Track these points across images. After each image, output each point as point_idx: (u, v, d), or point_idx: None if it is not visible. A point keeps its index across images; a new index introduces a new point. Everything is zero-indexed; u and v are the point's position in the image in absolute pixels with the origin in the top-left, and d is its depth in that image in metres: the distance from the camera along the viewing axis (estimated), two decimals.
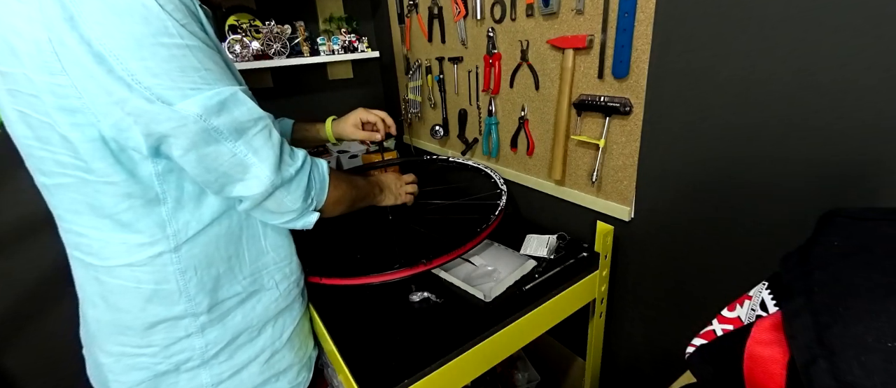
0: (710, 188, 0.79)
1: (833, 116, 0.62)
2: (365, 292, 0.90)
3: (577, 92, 0.97)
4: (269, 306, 0.75)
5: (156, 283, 0.62)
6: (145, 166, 0.57)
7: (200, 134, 0.53)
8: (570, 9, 0.92)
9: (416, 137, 1.72)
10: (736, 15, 0.67)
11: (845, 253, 0.40)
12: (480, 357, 0.78)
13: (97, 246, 0.60)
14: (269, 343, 0.76)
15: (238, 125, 0.55)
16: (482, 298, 0.84)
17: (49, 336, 1.35)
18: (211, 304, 0.66)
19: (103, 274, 0.61)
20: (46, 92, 0.50)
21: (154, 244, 0.60)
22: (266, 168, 0.59)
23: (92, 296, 0.64)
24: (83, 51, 0.47)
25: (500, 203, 1.08)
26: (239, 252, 0.69)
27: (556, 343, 1.33)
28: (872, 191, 0.61)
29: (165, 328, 0.64)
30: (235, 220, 0.67)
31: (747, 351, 0.41)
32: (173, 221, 0.60)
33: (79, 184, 0.56)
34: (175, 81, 0.50)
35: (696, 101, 0.76)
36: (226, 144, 0.55)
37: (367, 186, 0.87)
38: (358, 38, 1.65)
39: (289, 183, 0.62)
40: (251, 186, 0.59)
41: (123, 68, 0.48)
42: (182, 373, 0.67)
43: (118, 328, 0.64)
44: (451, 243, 0.92)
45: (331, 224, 0.72)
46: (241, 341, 0.72)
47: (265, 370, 0.76)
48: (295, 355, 0.81)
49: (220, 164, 0.56)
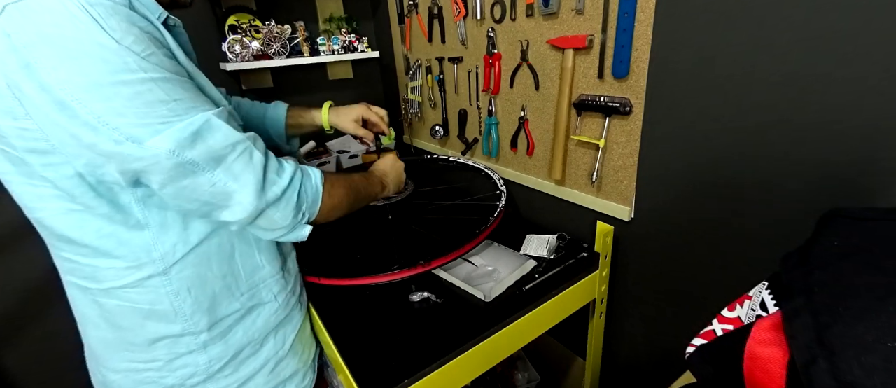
0: (711, 188, 0.80)
1: (833, 116, 0.62)
2: (365, 292, 0.90)
3: (577, 92, 0.97)
4: (269, 319, 0.75)
5: (150, 304, 0.62)
6: (125, 195, 0.56)
7: (176, 168, 0.51)
8: (570, 9, 0.92)
9: (416, 137, 1.72)
10: (736, 15, 0.67)
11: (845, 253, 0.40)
12: (480, 357, 0.78)
13: (89, 271, 0.60)
14: (273, 354, 0.76)
15: (214, 154, 0.53)
16: (482, 298, 0.84)
17: (49, 336, 1.35)
18: (210, 322, 0.66)
19: (100, 296, 0.61)
20: (14, 136, 0.49)
21: (141, 268, 0.59)
22: (248, 194, 0.56)
23: (93, 317, 0.64)
24: (44, 99, 0.46)
25: (500, 204, 1.08)
26: (234, 269, 0.68)
27: (556, 343, 1.33)
28: (872, 191, 0.61)
29: (167, 345, 0.64)
30: (226, 238, 0.66)
31: (747, 351, 0.41)
32: (159, 245, 0.59)
33: (62, 216, 0.56)
34: (142, 118, 0.48)
35: (696, 101, 0.76)
36: (203, 175, 0.53)
37: (367, 186, 0.84)
38: (358, 38, 1.65)
39: (277, 202, 0.60)
40: (235, 211, 0.57)
41: (88, 112, 0.46)
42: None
43: (122, 345, 0.64)
44: (450, 244, 0.93)
45: (331, 225, 0.72)
46: (245, 354, 0.72)
47: (271, 380, 0.76)
48: (299, 360, 0.82)
49: (201, 194, 0.54)
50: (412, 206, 1.18)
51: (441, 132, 1.49)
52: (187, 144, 0.51)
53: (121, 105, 0.47)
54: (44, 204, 0.55)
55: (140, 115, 0.48)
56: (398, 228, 1.12)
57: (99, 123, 0.47)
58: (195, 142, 0.51)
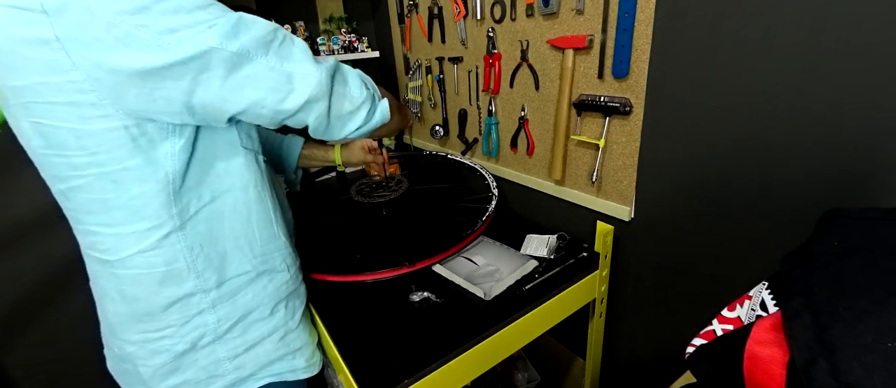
0: (711, 188, 0.80)
1: (834, 116, 0.62)
2: (365, 291, 0.90)
3: (577, 92, 0.97)
4: (280, 287, 0.76)
5: (166, 264, 0.64)
6: (163, 146, 0.58)
7: (232, 58, 0.54)
8: (570, 9, 0.92)
9: (416, 137, 1.72)
10: (736, 14, 0.67)
11: (845, 253, 0.40)
12: (480, 357, 0.78)
13: (111, 242, 0.62)
14: (282, 323, 0.77)
15: (260, 40, 0.56)
16: (482, 296, 0.84)
17: (50, 336, 1.35)
18: (219, 280, 0.68)
19: (118, 268, 0.64)
20: (60, 93, 0.51)
21: (162, 226, 0.62)
22: (307, 66, 0.59)
23: (109, 291, 0.67)
24: (101, 31, 0.48)
25: (489, 208, 1.10)
26: (248, 231, 0.70)
27: (556, 343, 1.33)
28: (872, 191, 0.61)
29: (179, 308, 0.67)
30: (241, 199, 0.69)
31: (747, 351, 0.41)
32: (177, 200, 0.62)
33: (93, 181, 0.58)
34: (190, 26, 0.51)
35: (696, 101, 0.76)
36: (258, 60, 0.56)
37: (399, 106, 0.82)
38: (358, 38, 1.65)
39: (338, 73, 0.63)
40: (303, 87, 0.59)
41: (146, 30, 0.49)
42: (199, 350, 0.70)
43: (136, 317, 0.67)
44: (438, 245, 0.95)
45: (324, 220, 0.72)
46: (253, 318, 0.73)
47: (280, 347, 0.77)
48: (308, 335, 0.83)
49: (263, 81, 0.57)
50: (405, 204, 1.19)
51: (441, 132, 1.49)
52: (232, 35, 0.54)
53: (169, 20, 0.50)
54: (78, 172, 0.57)
55: (186, 23, 0.51)
56: (390, 225, 1.15)
57: (157, 36, 0.49)
58: (239, 32, 0.54)
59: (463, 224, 1.05)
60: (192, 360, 0.70)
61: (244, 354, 0.73)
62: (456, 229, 1.03)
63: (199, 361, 0.70)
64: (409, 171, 1.42)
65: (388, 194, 1.16)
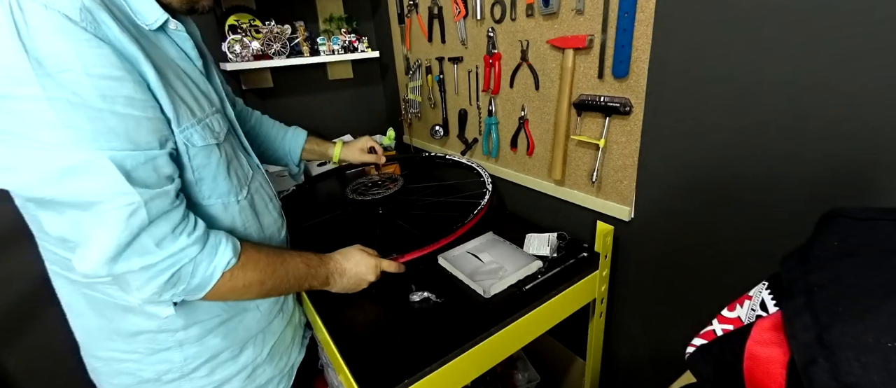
0: (711, 188, 0.79)
1: (834, 116, 0.62)
2: (365, 291, 0.90)
3: (577, 92, 0.97)
4: (250, 327, 0.75)
5: (126, 300, 0.62)
6: None
7: (33, 200, 0.51)
8: (570, 9, 0.92)
9: (416, 137, 1.72)
10: (736, 14, 0.67)
11: (845, 253, 0.40)
12: (480, 357, 0.78)
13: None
14: (251, 360, 0.77)
15: (81, 199, 0.48)
16: (481, 293, 0.84)
17: (48, 336, 1.35)
18: (186, 324, 0.66)
19: (85, 288, 0.62)
20: None
21: None
22: (96, 252, 0.50)
23: (77, 306, 0.65)
24: None
25: (481, 202, 1.12)
26: None
27: (556, 343, 1.33)
28: (872, 191, 0.61)
29: (147, 339, 0.65)
30: None
31: (747, 351, 0.41)
32: None
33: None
34: (21, 138, 0.46)
35: (696, 100, 0.76)
36: (68, 212, 0.50)
37: (305, 275, 0.74)
38: (358, 38, 1.65)
39: (136, 273, 0.53)
40: (77, 262, 0.52)
41: None
42: (164, 384, 0.68)
43: (105, 334, 0.65)
44: (427, 238, 0.99)
45: (321, 215, 0.71)
46: (223, 358, 0.72)
47: (247, 384, 0.77)
48: (275, 367, 0.82)
49: (56, 229, 0.52)
50: (402, 201, 1.20)
51: (441, 132, 1.49)
52: (51, 180, 0.47)
53: (4, 121, 0.44)
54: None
55: (19, 134, 0.45)
56: (384, 221, 1.17)
57: None
58: (62, 179, 0.47)
59: (454, 218, 1.07)
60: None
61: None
62: (447, 223, 1.05)
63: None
64: (409, 171, 1.43)
65: (383, 192, 1.17)
